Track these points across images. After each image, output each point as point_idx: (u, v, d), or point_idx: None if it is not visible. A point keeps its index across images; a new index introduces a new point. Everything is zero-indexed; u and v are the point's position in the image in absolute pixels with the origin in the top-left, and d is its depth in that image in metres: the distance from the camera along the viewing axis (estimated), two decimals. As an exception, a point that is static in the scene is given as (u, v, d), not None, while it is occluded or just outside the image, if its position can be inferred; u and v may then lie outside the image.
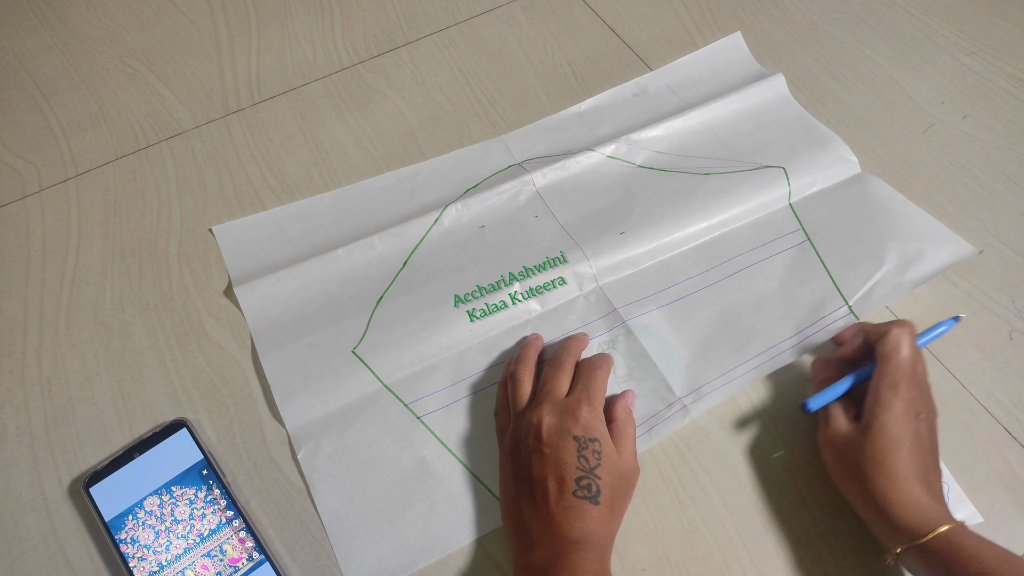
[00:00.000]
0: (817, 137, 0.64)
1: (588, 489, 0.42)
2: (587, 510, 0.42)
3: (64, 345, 0.55)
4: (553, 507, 0.42)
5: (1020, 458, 0.48)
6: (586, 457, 0.43)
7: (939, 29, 0.72)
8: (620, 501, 0.44)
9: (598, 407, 0.46)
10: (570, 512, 0.42)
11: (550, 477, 0.43)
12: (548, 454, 0.44)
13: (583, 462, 0.43)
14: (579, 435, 0.44)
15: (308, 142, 0.66)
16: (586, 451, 0.44)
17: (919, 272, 0.55)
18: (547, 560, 0.40)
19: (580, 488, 0.42)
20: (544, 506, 0.42)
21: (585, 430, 0.44)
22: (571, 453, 0.43)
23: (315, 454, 0.49)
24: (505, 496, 0.46)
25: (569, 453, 0.43)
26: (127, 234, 0.60)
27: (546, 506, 0.42)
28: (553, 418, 0.45)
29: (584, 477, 0.43)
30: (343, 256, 0.57)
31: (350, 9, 0.77)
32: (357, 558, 0.46)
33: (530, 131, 0.66)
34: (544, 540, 0.42)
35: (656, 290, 0.56)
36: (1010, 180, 0.61)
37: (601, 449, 0.44)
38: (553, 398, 0.47)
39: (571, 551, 0.40)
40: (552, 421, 0.45)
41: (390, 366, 0.53)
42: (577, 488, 0.42)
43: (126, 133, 0.67)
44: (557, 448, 0.44)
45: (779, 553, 0.45)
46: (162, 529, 0.46)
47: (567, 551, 0.40)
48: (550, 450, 0.44)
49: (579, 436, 0.44)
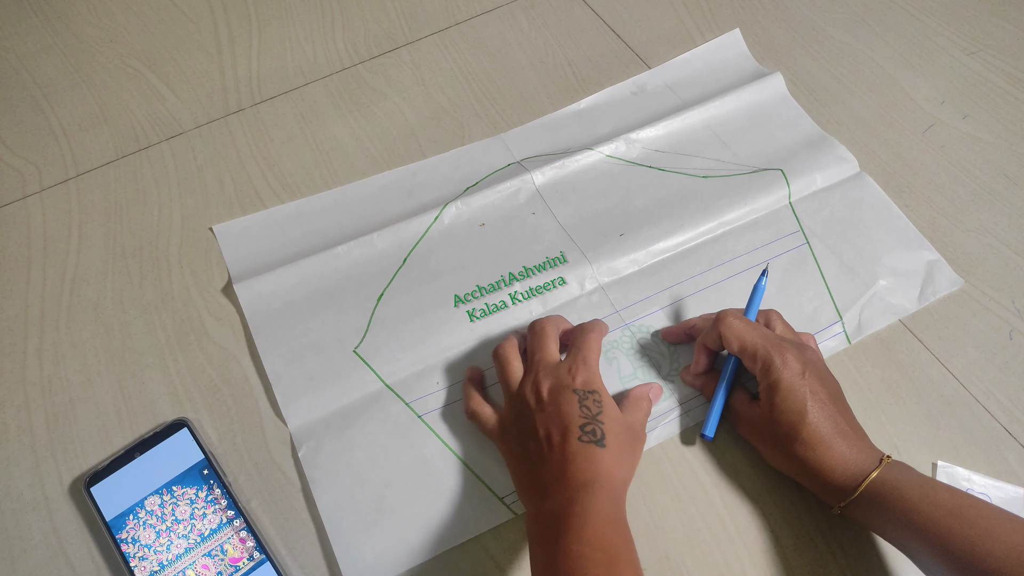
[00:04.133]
0: (815, 137, 0.64)
1: (593, 434, 0.42)
2: (594, 452, 0.41)
3: (65, 345, 0.55)
4: (559, 455, 0.42)
5: (1020, 458, 0.48)
6: (588, 407, 0.43)
7: (939, 29, 0.72)
8: (628, 448, 0.44)
9: (594, 366, 0.47)
10: (577, 457, 0.41)
11: (554, 429, 0.43)
12: (550, 411, 0.44)
13: (585, 411, 0.43)
14: (578, 388, 0.44)
15: (308, 142, 0.66)
16: (587, 401, 0.44)
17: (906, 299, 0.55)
18: (558, 507, 0.40)
19: (585, 433, 0.42)
20: (550, 455, 0.42)
21: (583, 384, 0.44)
22: (572, 405, 0.43)
23: (316, 453, 0.49)
24: (515, 468, 0.46)
25: (570, 405, 0.43)
26: (128, 234, 0.61)
27: (552, 455, 0.42)
28: (550, 379, 0.45)
29: (588, 423, 0.43)
30: (343, 254, 0.57)
31: (350, 9, 0.77)
32: (357, 556, 0.46)
33: (529, 130, 0.66)
34: (553, 488, 0.41)
35: (657, 290, 0.56)
36: (1010, 180, 0.61)
37: (601, 399, 0.44)
38: (546, 364, 0.47)
39: (581, 494, 0.40)
40: (550, 382, 0.45)
41: (391, 365, 0.53)
42: (582, 434, 0.42)
43: (127, 133, 0.67)
44: (558, 403, 0.44)
45: (779, 553, 0.45)
46: (163, 529, 0.46)
47: (577, 495, 0.40)
48: (552, 407, 0.44)
49: (578, 389, 0.44)
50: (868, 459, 0.42)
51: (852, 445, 0.43)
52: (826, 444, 0.42)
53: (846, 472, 0.42)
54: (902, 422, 0.50)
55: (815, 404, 0.43)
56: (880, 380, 0.52)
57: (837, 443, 0.43)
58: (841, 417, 0.44)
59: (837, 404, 0.44)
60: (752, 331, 0.46)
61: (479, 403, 0.49)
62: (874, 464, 0.42)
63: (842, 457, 0.42)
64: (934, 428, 0.49)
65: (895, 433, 0.49)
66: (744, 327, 0.46)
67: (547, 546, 0.38)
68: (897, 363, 0.52)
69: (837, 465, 0.42)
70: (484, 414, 0.48)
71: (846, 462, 0.42)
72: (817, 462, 0.42)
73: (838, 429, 0.43)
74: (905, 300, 0.55)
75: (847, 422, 0.44)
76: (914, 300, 0.55)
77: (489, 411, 0.48)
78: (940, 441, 0.49)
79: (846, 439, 0.43)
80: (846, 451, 0.42)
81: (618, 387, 0.51)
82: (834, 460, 0.42)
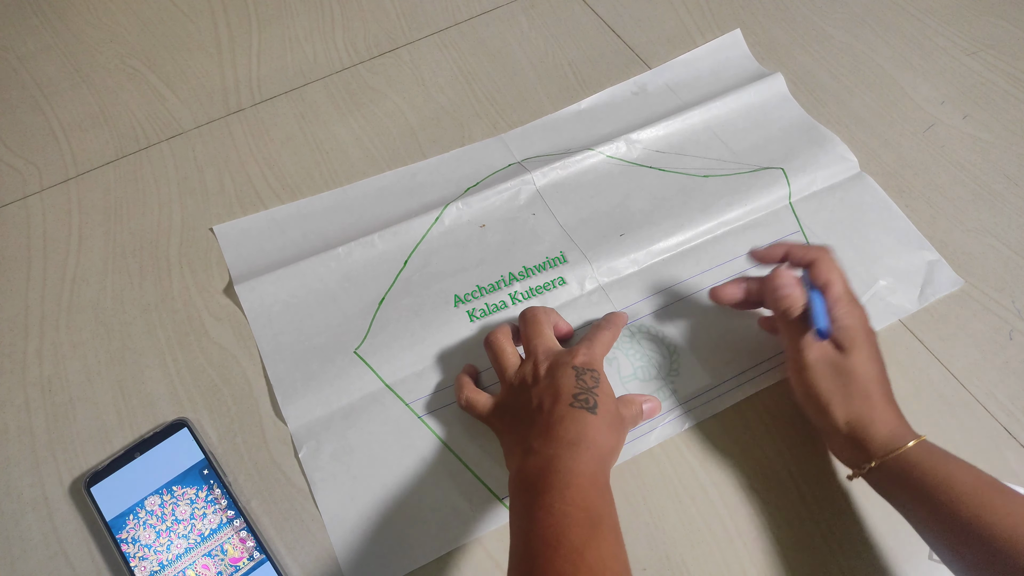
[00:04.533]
0: (815, 136, 0.64)
1: (585, 402, 0.42)
2: (583, 416, 0.41)
3: (65, 345, 0.55)
4: (547, 417, 0.41)
5: (1020, 458, 0.48)
6: (584, 380, 0.43)
7: (939, 29, 0.72)
8: (618, 425, 0.43)
9: (597, 354, 0.46)
10: (565, 418, 0.41)
11: (547, 397, 0.43)
12: (545, 384, 0.43)
13: (581, 383, 0.43)
14: (577, 365, 0.44)
15: (309, 142, 0.66)
16: (584, 376, 0.43)
17: (906, 299, 0.55)
18: (542, 462, 0.39)
19: (577, 400, 0.42)
20: (539, 418, 0.42)
21: (584, 364, 0.44)
22: (569, 377, 0.43)
23: (316, 453, 0.49)
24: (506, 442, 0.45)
25: (567, 378, 0.43)
26: (128, 234, 0.61)
27: (540, 417, 0.42)
28: (549, 360, 0.45)
29: (582, 393, 0.42)
30: (343, 255, 0.57)
31: (350, 9, 0.77)
32: (357, 557, 0.46)
33: (529, 130, 0.66)
34: (537, 445, 0.40)
35: (657, 290, 0.56)
36: (1010, 180, 0.61)
37: (599, 377, 0.44)
38: (545, 348, 0.46)
39: (565, 452, 0.39)
40: (549, 362, 0.45)
41: (391, 366, 0.53)
42: (574, 400, 0.42)
43: (127, 133, 0.67)
44: (554, 376, 0.44)
45: (779, 552, 0.45)
46: (163, 529, 0.46)
47: (562, 451, 0.39)
48: (547, 380, 0.44)
49: (577, 366, 0.44)
50: (909, 430, 0.43)
51: (899, 413, 0.43)
52: (886, 402, 0.43)
53: (892, 432, 0.42)
54: (902, 422, 0.50)
55: (881, 365, 0.44)
56: (880, 380, 0.52)
57: (893, 405, 0.43)
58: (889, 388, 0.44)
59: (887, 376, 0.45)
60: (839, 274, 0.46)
61: (473, 391, 0.49)
62: (914, 436, 0.42)
63: (895, 418, 0.43)
64: (934, 428, 0.49)
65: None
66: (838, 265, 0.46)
67: (528, 502, 0.38)
68: (897, 363, 0.52)
69: (888, 422, 0.42)
70: (479, 401, 0.48)
71: (895, 423, 0.42)
72: (871, 415, 0.42)
73: (891, 394, 0.44)
74: (905, 300, 0.55)
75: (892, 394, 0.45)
76: (914, 300, 0.55)
77: (484, 396, 0.48)
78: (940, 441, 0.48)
79: (895, 405, 0.44)
80: (896, 415, 0.43)
81: (619, 388, 0.51)
82: (887, 417, 0.42)
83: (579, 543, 0.35)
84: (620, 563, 0.36)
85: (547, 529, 0.36)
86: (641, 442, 0.49)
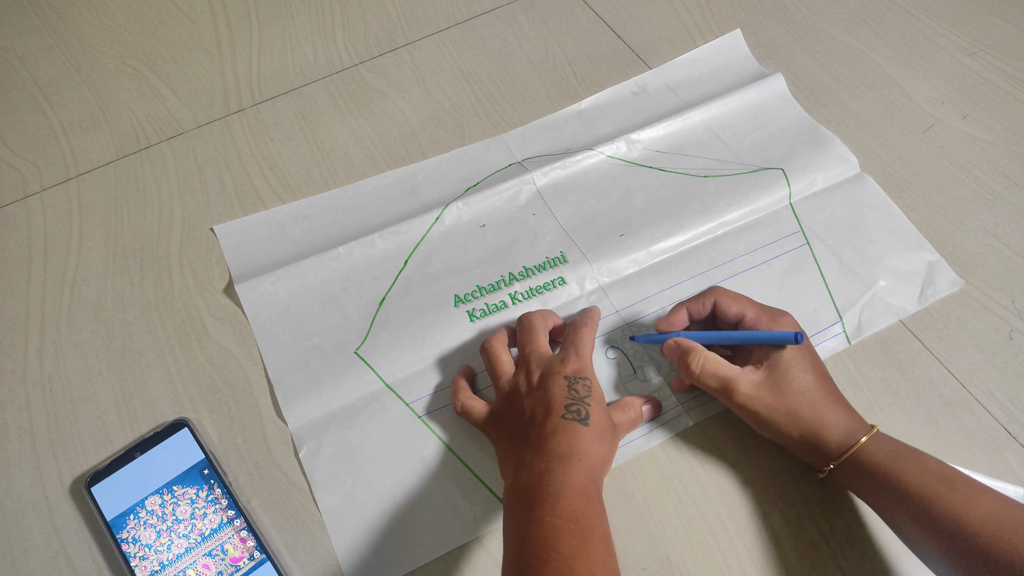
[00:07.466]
0: (816, 137, 0.64)
1: (578, 413, 0.42)
2: (576, 429, 0.41)
3: (65, 345, 0.55)
4: (539, 430, 0.42)
5: (1020, 458, 0.48)
6: (576, 389, 0.44)
7: (939, 29, 0.72)
8: (610, 434, 0.44)
9: (586, 357, 0.47)
10: (558, 431, 0.41)
11: (539, 408, 0.43)
12: (538, 394, 0.44)
13: (573, 393, 0.43)
14: (568, 375, 0.44)
15: (309, 142, 0.66)
16: (576, 385, 0.44)
17: (906, 299, 0.55)
18: (533, 477, 0.39)
19: (569, 412, 0.42)
20: (532, 431, 0.42)
21: (575, 372, 0.45)
22: (561, 388, 0.44)
23: (317, 453, 0.49)
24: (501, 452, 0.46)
25: (559, 388, 0.44)
26: (128, 234, 0.61)
27: (533, 430, 0.42)
28: (542, 368, 0.46)
29: (574, 404, 0.43)
30: (344, 254, 0.57)
31: (351, 9, 0.77)
32: (358, 557, 0.46)
33: (530, 130, 0.66)
34: (530, 459, 0.41)
35: (657, 291, 0.56)
36: (1010, 180, 0.61)
37: (591, 385, 0.44)
38: (538, 355, 0.47)
39: (557, 465, 0.40)
40: (541, 370, 0.45)
41: (392, 366, 0.53)
42: (566, 412, 0.42)
43: (127, 133, 0.67)
44: (546, 386, 0.44)
45: (779, 553, 0.45)
46: (163, 528, 0.46)
47: (553, 466, 0.40)
48: (540, 390, 0.44)
49: (568, 376, 0.44)
50: (860, 424, 0.44)
51: (848, 408, 0.44)
52: (830, 403, 0.44)
53: (845, 432, 0.43)
54: (902, 422, 0.50)
55: (820, 365, 0.45)
56: (880, 380, 0.52)
57: (840, 403, 0.44)
58: (831, 384, 0.45)
59: (826, 370, 0.46)
60: (744, 299, 0.48)
61: (469, 397, 0.49)
62: (866, 429, 0.43)
63: (844, 417, 0.44)
64: (934, 428, 0.50)
65: (895, 433, 0.49)
66: (737, 294, 0.48)
67: (520, 516, 0.38)
68: (897, 363, 0.52)
69: (838, 424, 0.43)
70: (475, 408, 0.48)
71: (845, 422, 0.43)
72: (820, 422, 0.43)
73: (836, 392, 0.45)
74: (905, 301, 0.55)
75: (836, 389, 0.45)
76: (914, 301, 0.55)
77: (480, 404, 0.48)
78: (940, 441, 0.49)
79: (842, 402, 0.45)
80: (844, 413, 0.44)
81: (619, 388, 0.51)
82: (836, 419, 0.43)
83: (569, 554, 0.36)
84: (609, 572, 0.36)
85: (538, 542, 0.36)
86: (641, 442, 0.49)
